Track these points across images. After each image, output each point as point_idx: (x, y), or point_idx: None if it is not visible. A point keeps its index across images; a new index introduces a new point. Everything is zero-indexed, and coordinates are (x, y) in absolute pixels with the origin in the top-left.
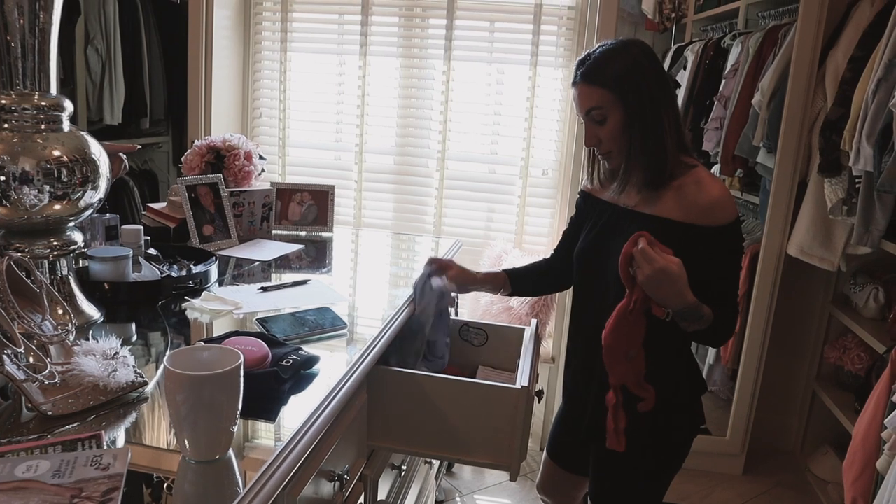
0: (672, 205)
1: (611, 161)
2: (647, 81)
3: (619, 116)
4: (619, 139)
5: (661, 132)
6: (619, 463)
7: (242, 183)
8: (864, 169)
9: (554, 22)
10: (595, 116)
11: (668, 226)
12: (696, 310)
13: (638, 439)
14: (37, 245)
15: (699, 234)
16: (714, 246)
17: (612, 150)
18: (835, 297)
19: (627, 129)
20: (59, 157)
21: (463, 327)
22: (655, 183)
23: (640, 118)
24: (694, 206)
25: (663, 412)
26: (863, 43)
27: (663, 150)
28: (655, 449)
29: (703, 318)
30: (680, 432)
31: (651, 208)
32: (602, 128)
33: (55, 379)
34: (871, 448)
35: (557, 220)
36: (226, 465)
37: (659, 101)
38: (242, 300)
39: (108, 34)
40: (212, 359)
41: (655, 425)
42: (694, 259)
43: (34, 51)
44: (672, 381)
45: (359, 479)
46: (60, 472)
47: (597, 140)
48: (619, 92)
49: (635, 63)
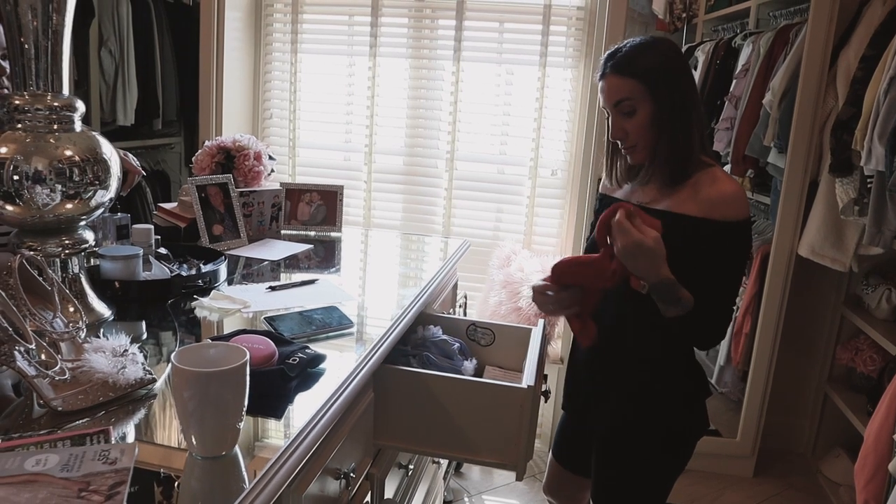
0: (686, 200)
1: (634, 156)
2: (677, 77)
3: (649, 109)
4: (647, 133)
5: (690, 129)
6: (621, 463)
7: (252, 183)
8: (876, 168)
9: (563, 22)
10: (624, 108)
11: (681, 221)
12: (671, 287)
13: (642, 439)
14: (49, 243)
15: (708, 227)
16: (719, 241)
17: (637, 144)
18: (847, 297)
19: (655, 123)
20: (70, 156)
21: (470, 327)
22: (678, 180)
23: (669, 113)
24: (707, 201)
25: (667, 412)
26: (874, 42)
27: (689, 148)
28: (658, 450)
29: (681, 302)
30: (683, 435)
31: (665, 204)
32: (630, 120)
33: (65, 375)
34: (884, 450)
35: (566, 220)
36: (232, 461)
37: (688, 97)
38: (251, 299)
39: (121, 36)
40: (218, 356)
41: (659, 426)
42: (700, 254)
43: (47, 52)
44: (675, 381)
45: (365, 477)
46: (69, 466)
47: (623, 133)
48: (649, 84)
49: (666, 58)
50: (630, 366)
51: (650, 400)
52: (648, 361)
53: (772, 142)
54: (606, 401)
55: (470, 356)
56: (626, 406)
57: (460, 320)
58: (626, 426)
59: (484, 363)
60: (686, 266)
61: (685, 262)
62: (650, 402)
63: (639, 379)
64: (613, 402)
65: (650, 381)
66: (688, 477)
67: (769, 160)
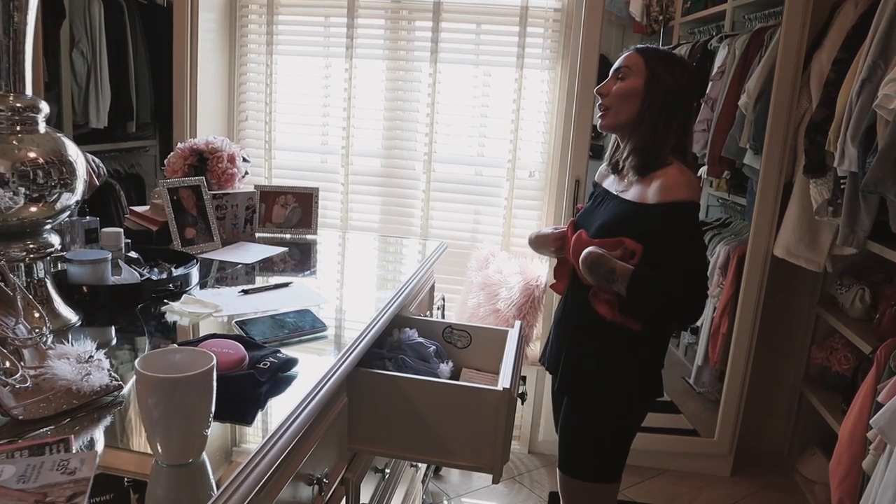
0: (646, 191)
1: (604, 118)
2: (677, 87)
3: (636, 85)
4: (622, 103)
5: (669, 129)
6: (574, 411)
7: (226, 185)
8: (849, 170)
9: (540, 24)
10: (620, 73)
11: (641, 209)
12: (599, 264)
13: (592, 389)
14: (12, 248)
15: (658, 209)
16: (668, 219)
17: (610, 108)
18: (821, 297)
19: (635, 98)
20: (34, 158)
21: (447, 329)
22: (644, 170)
23: (658, 106)
24: (659, 188)
25: (619, 372)
26: (847, 45)
27: (661, 144)
28: (607, 402)
29: (614, 273)
30: (632, 393)
31: (631, 195)
32: (617, 84)
33: (27, 383)
34: (858, 448)
35: (544, 222)
36: (199, 468)
37: (677, 106)
38: (223, 303)
39: (93, 37)
40: (184, 361)
41: (610, 381)
42: (658, 234)
43: (8, 52)
44: (628, 348)
45: (340, 482)
46: (25, 478)
47: (606, 90)
48: (651, 71)
49: (682, 70)
50: (589, 328)
51: (605, 358)
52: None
53: (747, 143)
54: (569, 355)
55: (446, 359)
56: (585, 360)
57: (436, 323)
58: (581, 377)
59: (461, 366)
60: (652, 248)
61: (651, 244)
62: (605, 360)
63: (595, 341)
64: (573, 356)
65: (605, 345)
66: (666, 477)
67: (745, 161)
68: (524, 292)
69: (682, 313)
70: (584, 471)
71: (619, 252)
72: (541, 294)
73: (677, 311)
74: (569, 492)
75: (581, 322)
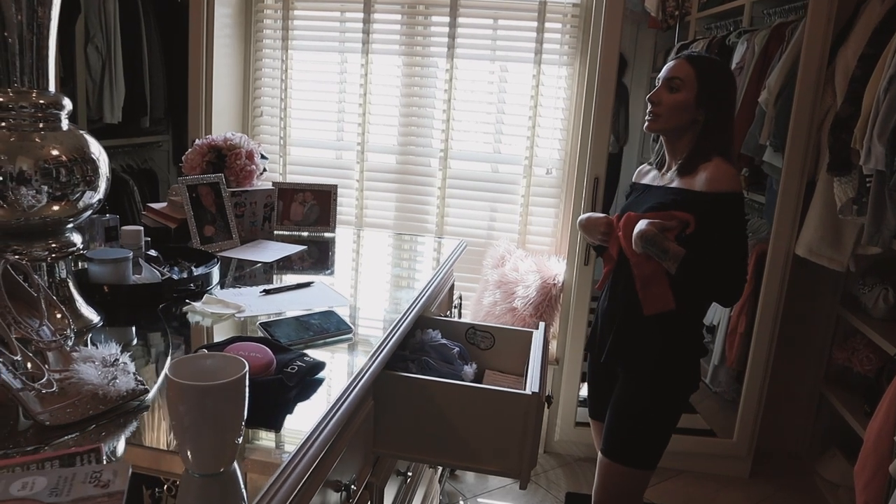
0: (694, 181)
1: (652, 122)
2: (725, 96)
3: (688, 99)
4: (673, 112)
5: (712, 134)
6: (623, 393)
7: (244, 182)
8: (876, 168)
9: (558, 20)
10: (673, 84)
11: (689, 194)
12: (656, 241)
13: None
14: (35, 247)
15: (706, 198)
16: (716, 209)
17: (661, 115)
18: (843, 297)
19: (685, 112)
20: (57, 156)
21: (469, 330)
22: (689, 170)
23: (704, 114)
24: (707, 179)
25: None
26: (874, 40)
27: (708, 147)
28: (649, 388)
29: (669, 253)
30: (673, 379)
31: (677, 184)
32: (670, 95)
33: (53, 387)
34: (884, 451)
35: (561, 219)
36: (230, 477)
37: (722, 112)
38: (245, 303)
39: (108, 32)
40: (215, 367)
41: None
42: (705, 220)
43: (32, 47)
44: (675, 335)
45: (365, 487)
46: (58, 490)
47: (658, 99)
48: (703, 83)
49: (728, 83)
50: (637, 316)
51: (670, 341)
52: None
53: (767, 140)
54: (627, 339)
55: (469, 360)
56: (636, 346)
57: (459, 323)
58: (644, 359)
59: (483, 367)
60: (699, 231)
61: (698, 228)
62: (669, 343)
63: (645, 327)
64: (622, 342)
65: (655, 332)
66: (683, 478)
67: (765, 159)
68: (541, 291)
69: (726, 295)
70: (633, 455)
71: (675, 223)
72: (558, 293)
73: (721, 292)
74: (611, 476)
75: (635, 306)
